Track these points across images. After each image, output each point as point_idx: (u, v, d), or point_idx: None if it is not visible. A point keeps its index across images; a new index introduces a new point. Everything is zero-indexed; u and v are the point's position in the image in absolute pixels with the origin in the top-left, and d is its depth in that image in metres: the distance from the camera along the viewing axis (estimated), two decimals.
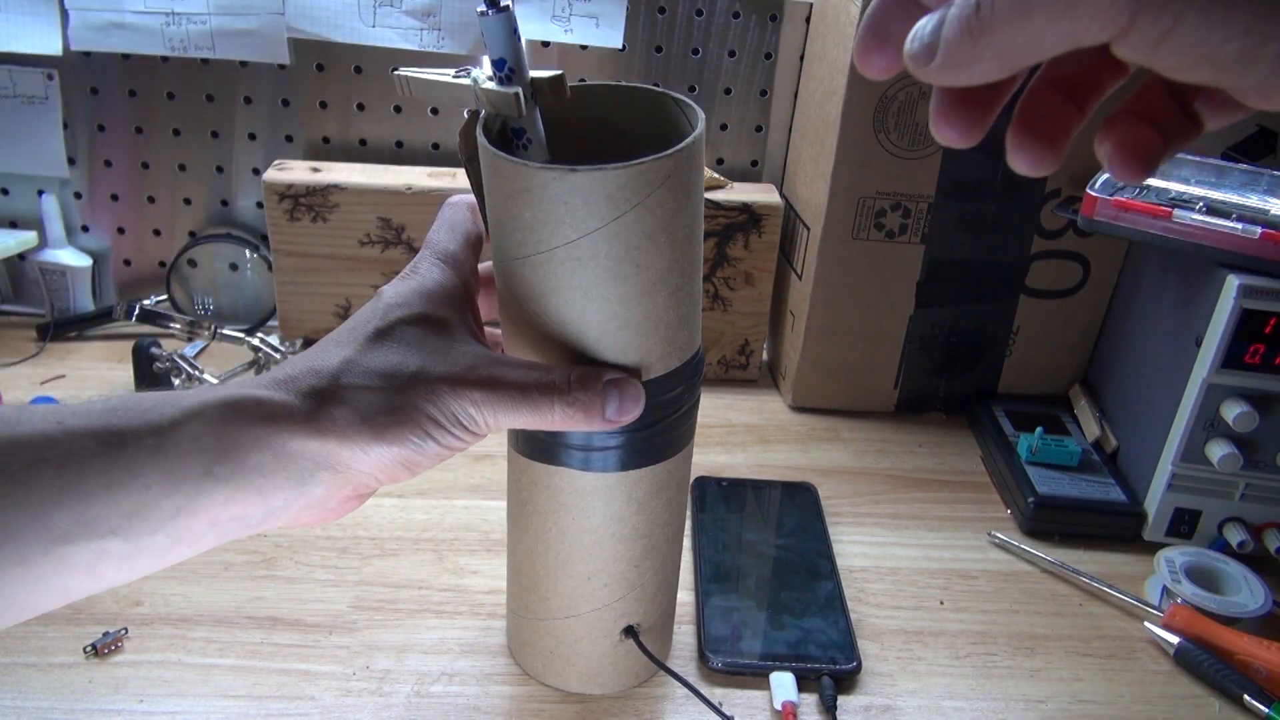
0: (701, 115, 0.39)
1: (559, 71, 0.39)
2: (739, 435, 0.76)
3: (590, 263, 0.37)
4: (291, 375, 0.37)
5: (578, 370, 0.39)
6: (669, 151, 0.36)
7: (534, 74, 0.39)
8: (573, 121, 0.43)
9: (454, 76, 0.40)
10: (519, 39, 0.38)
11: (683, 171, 0.37)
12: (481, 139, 0.38)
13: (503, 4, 0.37)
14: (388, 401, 0.36)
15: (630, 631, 0.47)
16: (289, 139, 0.86)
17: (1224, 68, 0.18)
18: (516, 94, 0.38)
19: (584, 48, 0.82)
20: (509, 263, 0.39)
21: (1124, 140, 0.23)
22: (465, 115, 0.40)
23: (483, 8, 0.37)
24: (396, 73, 0.41)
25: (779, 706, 0.49)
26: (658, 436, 0.42)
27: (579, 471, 0.43)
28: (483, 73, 0.39)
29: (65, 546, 0.32)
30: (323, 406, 0.36)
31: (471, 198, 0.44)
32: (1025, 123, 0.24)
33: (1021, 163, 0.24)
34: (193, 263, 0.89)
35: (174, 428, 0.34)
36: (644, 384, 0.40)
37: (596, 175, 0.35)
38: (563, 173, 0.35)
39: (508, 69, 0.38)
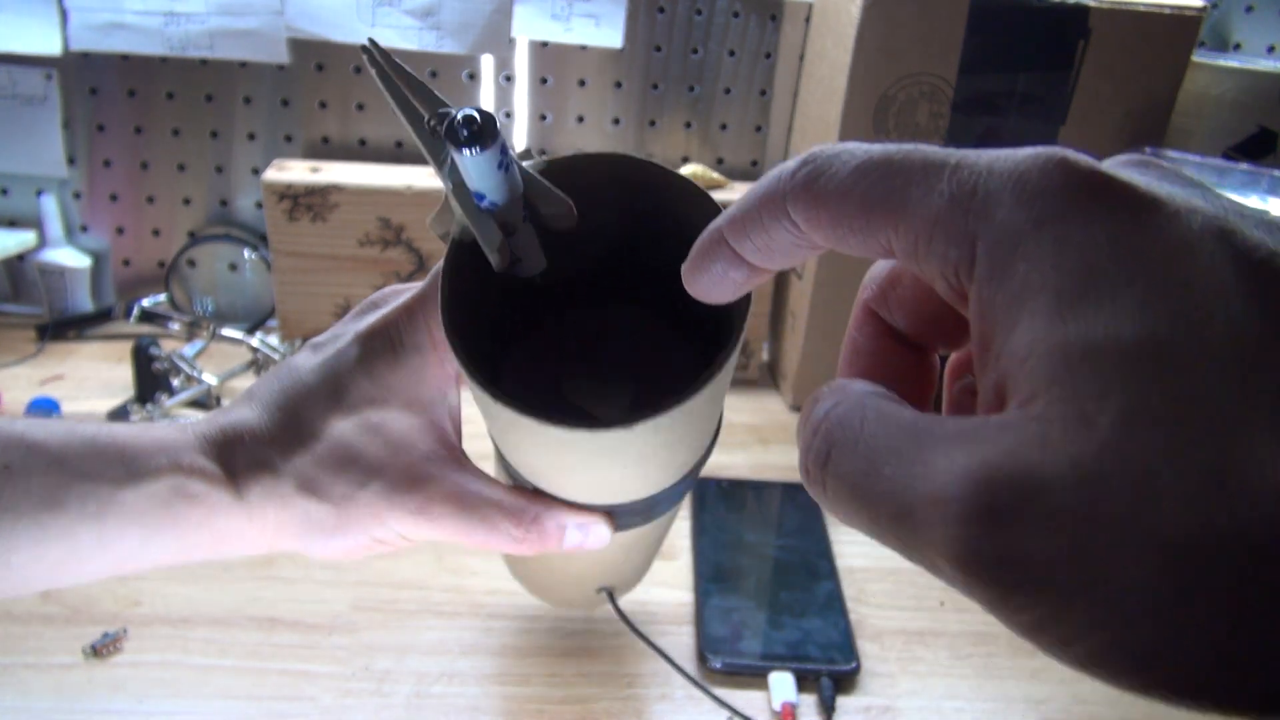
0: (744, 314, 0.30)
1: (566, 200, 0.30)
2: (739, 435, 0.76)
3: (582, 473, 0.33)
4: (247, 457, 0.36)
5: (536, 515, 0.36)
6: (682, 400, 0.28)
7: (534, 170, 0.30)
8: (581, 185, 0.32)
9: (428, 125, 0.30)
10: (509, 167, 0.28)
11: (703, 400, 0.30)
12: (469, 380, 0.29)
13: (489, 128, 0.26)
14: (333, 520, 0.36)
15: (603, 590, 0.47)
16: (288, 139, 0.86)
17: None
18: (501, 251, 0.29)
19: (584, 48, 0.82)
20: (493, 428, 0.34)
21: None
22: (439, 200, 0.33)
23: (463, 142, 0.26)
24: (367, 44, 0.31)
25: (778, 707, 0.49)
26: (656, 517, 0.39)
27: None
28: (460, 128, 0.28)
29: None
30: (268, 506, 0.36)
31: None
32: None
33: None
34: (192, 263, 0.89)
35: (118, 496, 0.34)
36: (635, 500, 0.36)
37: (597, 437, 0.28)
38: (550, 429, 0.28)
39: (489, 203, 0.29)
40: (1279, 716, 0.14)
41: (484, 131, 0.26)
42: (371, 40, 0.32)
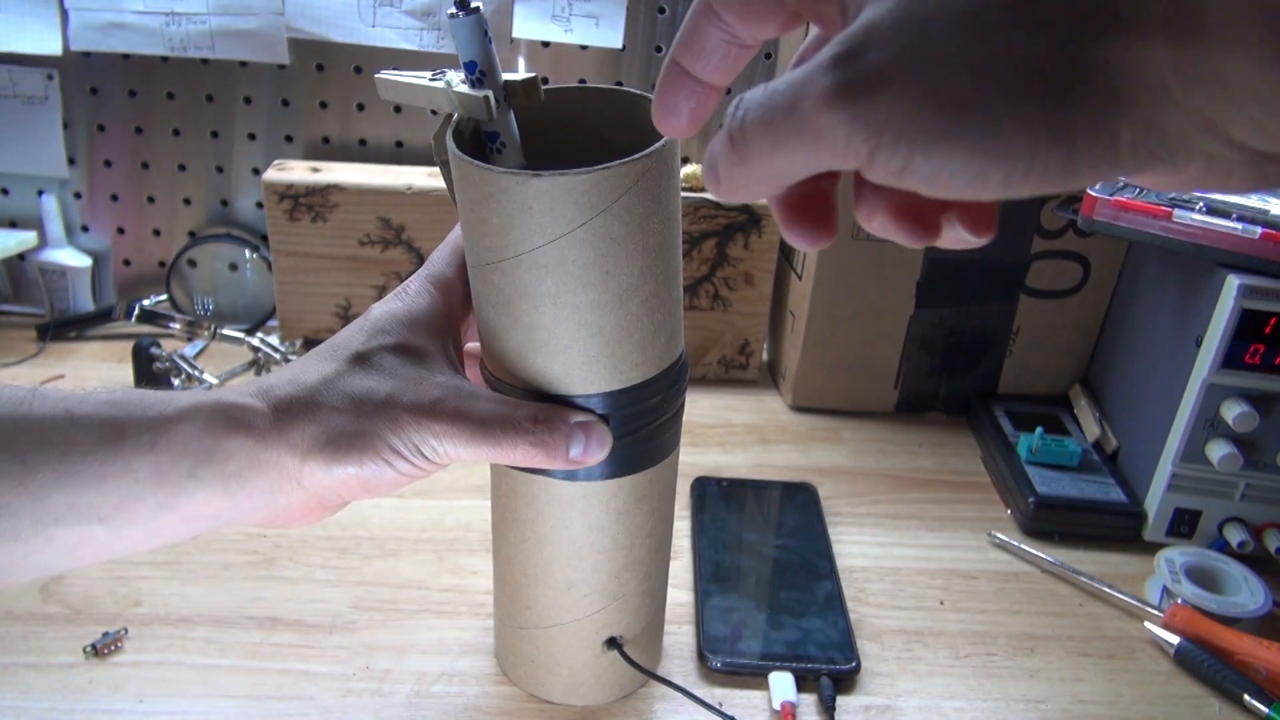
0: None
1: (533, 74, 0.39)
2: (739, 435, 0.76)
3: (557, 269, 0.36)
4: (275, 384, 0.39)
5: (544, 410, 0.39)
6: (637, 156, 0.35)
7: (508, 76, 0.39)
8: (551, 126, 0.42)
9: (430, 79, 0.39)
10: (490, 41, 0.38)
11: (653, 176, 0.36)
12: (450, 143, 0.38)
13: (473, 5, 0.37)
14: (352, 425, 0.38)
15: (613, 643, 0.47)
16: (289, 139, 0.86)
17: (959, 191, 0.20)
18: (487, 98, 0.38)
19: (584, 48, 0.82)
20: (479, 268, 0.39)
21: (969, 211, 0.25)
22: (440, 118, 0.41)
23: (452, 10, 0.37)
24: (376, 75, 0.41)
25: (778, 707, 0.49)
26: (636, 445, 0.42)
27: (556, 480, 0.42)
28: (457, 75, 0.39)
29: (55, 528, 0.34)
30: (295, 422, 0.38)
31: None
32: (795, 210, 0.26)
33: (801, 241, 0.26)
34: (192, 263, 0.89)
35: (167, 427, 0.36)
36: (619, 392, 0.40)
37: (560, 180, 0.34)
38: (526, 178, 0.35)
39: (479, 72, 0.38)
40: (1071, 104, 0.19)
41: (469, 3, 0.37)
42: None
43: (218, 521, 0.38)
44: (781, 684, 0.50)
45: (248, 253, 0.88)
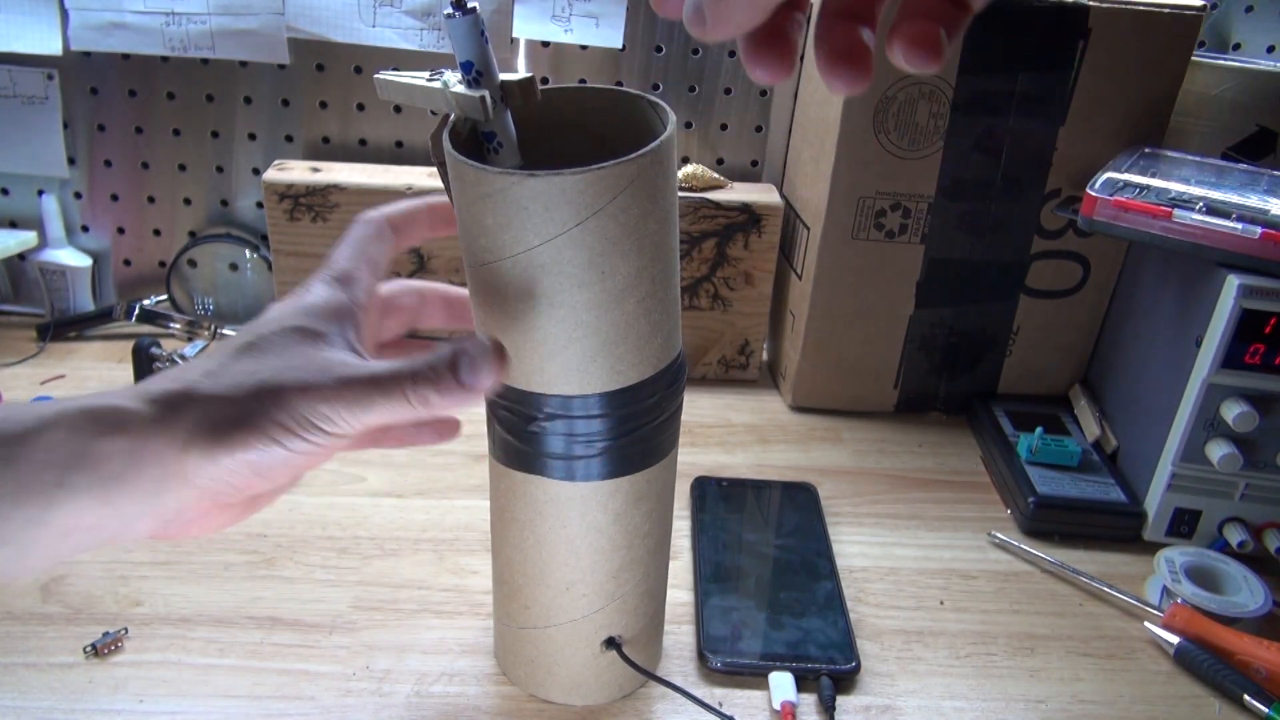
0: (672, 117, 0.38)
1: (529, 74, 0.40)
2: (739, 435, 0.76)
3: (553, 269, 0.36)
4: (152, 383, 0.37)
5: (430, 353, 0.37)
6: (632, 156, 0.35)
7: (504, 76, 0.39)
8: (551, 126, 0.42)
9: (428, 79, 0.40)
10: (486, 41, 0.38)
11: (649, 176, 0.36)
12: (446, 144, 0.38)
13: (469, 6, 0.37)
14: (233, 408, 0.36)
15: (611, 643, 0.47)
16: (289, 139, 0.86)
17: None
18: (483, 98, 0.38)
19: (584, 48, 0.82)
20: (476, 268, 0.39)
21: (910, 36, 0.27)
22: (437, 118, 0.41)
23: (449, 10, 0.37)
24: (376, 76, 0.41)
25: (778, 706, 0.49)
26: (633, 446, 0.42)
27: (554, 480, 0.42)
28: (454, 76, 0.39)
29: None
30: (173, 415, 0.35)
31: (384, 215, 0.44)
32: (830, 52, 0.28)
33: (839, 85, 0.27)
34: (193, 263, 0.89)
35: (28, 437, 0.34)
36: (616, 392, 0.40)
37: (555, 180, 0.35)
38: (521, 178, 0.35)
39: (475, 72, 0.38)
40: None
41: (466, 4, 0.37)
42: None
43: (102, 533, 0.35)
44: (781, 684, 0.50)
45: (248, 253, 0.88)
